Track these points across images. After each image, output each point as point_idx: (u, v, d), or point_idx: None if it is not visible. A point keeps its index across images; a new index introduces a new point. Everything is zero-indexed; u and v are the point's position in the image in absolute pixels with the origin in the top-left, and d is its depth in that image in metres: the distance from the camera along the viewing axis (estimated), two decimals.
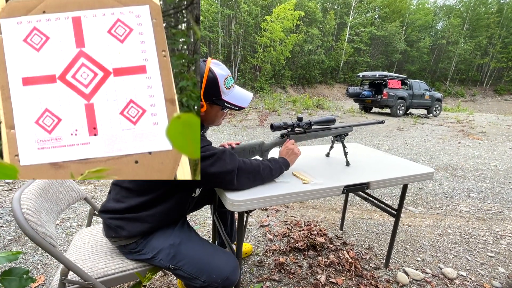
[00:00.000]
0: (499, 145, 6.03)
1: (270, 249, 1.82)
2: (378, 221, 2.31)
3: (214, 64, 0.91)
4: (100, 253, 1.06)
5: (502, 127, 8.76)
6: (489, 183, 3.47)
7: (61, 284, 0.90)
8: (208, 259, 0.96)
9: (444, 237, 2.09)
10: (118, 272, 0.99)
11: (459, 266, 1.75)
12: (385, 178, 1.27)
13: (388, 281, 1.57)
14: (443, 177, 3.64)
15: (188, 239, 1.01)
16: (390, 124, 8.47)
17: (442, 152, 5.11)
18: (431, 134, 7.09)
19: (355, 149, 1.78)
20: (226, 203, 0.96)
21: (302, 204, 2.60)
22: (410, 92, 10.66)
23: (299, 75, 22.74)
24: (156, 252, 0.95)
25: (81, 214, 2.20)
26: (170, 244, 0.96)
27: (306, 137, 1.29)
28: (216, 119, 1.00)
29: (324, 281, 1.53)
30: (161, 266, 0.96)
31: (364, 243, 1.96)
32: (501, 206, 2.75)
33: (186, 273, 0.93)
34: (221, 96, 0.93)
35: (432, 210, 2.61)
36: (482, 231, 2.22)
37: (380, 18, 29.84)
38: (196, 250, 0.98)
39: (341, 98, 22.22)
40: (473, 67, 30.69)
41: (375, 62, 27.77)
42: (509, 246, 2.01)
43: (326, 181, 1.16)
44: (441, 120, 10.19)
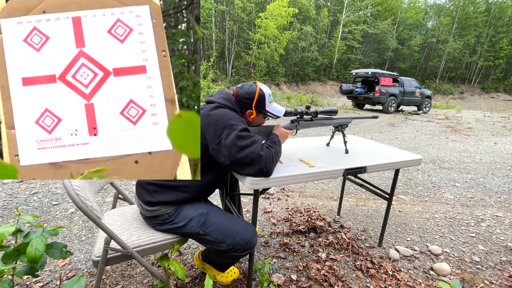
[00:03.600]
0: (484, 140, 6.34)
1: (275, 232, 1.98)
2: (372, 208, 2.50)
3: (261, 85, 1.26)
4: (132, 228, 1.20)
5: (488, 123, 9.14)
6: (473, 174, 3.71)
7: (104, 251, 1.04)
8: (232, 226, 1.13)
9: (431, 221, 2.30)
10: (150, 243, 1.14)
11: (443, 244, 1.95)
12: (380, 163, 1.44)
13: (381, 257, 1.76)
14: (431, 169, 3.87)
15: (213, 210, 1.17)
16: (382, 120, 8.74)
17: (431, 146, 5.37)
18: (421, 129, 7.37)
19: (352, 140, 1.95)
20: (246, 182, 1.11)
21: (302, 193, 2.77)
22: (401, 89, 10.97)
23: (293, 72, 22.91)
24: (188, 220, 1.10)
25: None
26: (200, 213, 1.11)
27: (312, 124, 1.46)
28: (259, 123, 1.34)
29: (325, 258, 1.70)
30: (192, 233, 1.11)
31: (359, 226, 2.14)
32: (483, 194, 2.98)
33: (213, 237, 1.09)
34: (266, 108, 1.26)
35: (421, 198, 2.82)
36: (465, 215, 2.44)
37: (372, 16, 30.24)
38: (222, 218, 1.14)
39: (334, 95, 22.53)
40: (462, 65, 31.44)
41: (367, 59, 28.19)
42: (488, 228, 2.23)
43: (328, 166, 1.33)
44: (431, 116, 10.54)
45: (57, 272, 1.49)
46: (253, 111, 1.25)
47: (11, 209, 2.12)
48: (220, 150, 1.06)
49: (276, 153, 1.15)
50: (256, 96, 1.22)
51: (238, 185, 1.71)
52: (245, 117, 1.27)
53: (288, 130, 1.38)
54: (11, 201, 2.25)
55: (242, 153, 1.03)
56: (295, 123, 1.43)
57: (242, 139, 1.04)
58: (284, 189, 2.87)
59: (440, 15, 32.02)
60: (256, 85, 1.25)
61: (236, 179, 1.66)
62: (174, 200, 1.13)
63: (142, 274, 1.51)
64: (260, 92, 1.23)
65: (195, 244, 1.80)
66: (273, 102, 1.31)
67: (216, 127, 1.07)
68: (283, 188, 2.88)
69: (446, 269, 1.63)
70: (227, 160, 1.05)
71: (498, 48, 29.21)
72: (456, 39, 29.90)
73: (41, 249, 1.01)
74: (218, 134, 1.06)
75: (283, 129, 1.36)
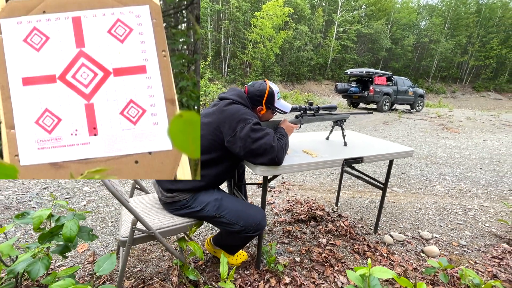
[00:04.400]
0: (474, 137, 6.58)
1: (278, 221, 2.12)
2: (367, 199, 2.65)
3: (270, 83, 1.39)
4: (153, 212, 1.32)
5: (478, 121, 9.42)
6: (463, 169, 3.90)
7: (131, 231, 1.15)
8: (244, 209, 1.26)
9: (423, 210, 2.46)
10: (170, 225, 1.26)
11: (433, 230, 2.11)
12: (375, 154, 1.58)
13: (377, 242, 1.90)
14: (423, 164, 4.05)
15: (227, 196, 1.30)
16: (376, 118, 8.95)
17: (423, 143, 5.57)
18: (414, 127, 7.60)
19: (350, 135, 2.09)
20: (257, 170, 1.24)
21: (301, 186, 2.91)
22: (395, 88, 11.21)
23: (288, 72, 23.09)
24: (205, 205, 1.22)
25: (103, 196, 2.42)
26: (215, 199, 1.24)
27: (315, 119, 1.60)
28: (268, 118, 1.48)
29: (325, 243, 1.84)
30: (208, 216, 1.23)
31: (356, 216, 2.29)
32: (471, 187, 3.16)
33: (227, 220, 1.22)
34: (274, 104, 1.40)
35: (413, 190, 2.99)
36: (454, 205, 2.61)
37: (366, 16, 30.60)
38: (234, 203, 1.27)
39: (329, 94, 22.78)
40: (454, 65, 32.08)
41: (361, 59, 28.54)
42: (475, 216, 2.40)
43: (329, 156, 1.46)
44: (423, 115, 10.80)
45: (78, 258, 1.60)
46: (263, 107, 1.38)
47: (25, 203, 2.22)
48: (235, 142, 1.18)
49: (286, 144, 1.28)
50: (266, 93, 1.35)
51: (244, 176, 1.84)
52: (256, 112, 1.40)
53: (293, 125, 1.51)
54: (23, 195, 2.34)
55: (256, 144, 1.16)
56: (299, 118, 1.57)
57: (256, 131, 1.17)
58: (284, 183, 3.01)
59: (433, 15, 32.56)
60: (266, 83, 1.37)
61: (243, 170, 1.79)
62: (192, 188, 1.25)
63: (157, 258, 1.63)
64: (270, 90, 1.36)
65: (204, 232, 1.93)
66: (280, 99, 1.44)
67: (231, 121, 1.20)
68: (283, 182, 3.02)
69: (435, 251, 1.79)
70: (242, 151, 1.18)
71: (488, 48, 29.88)
72: (448, 39, 30.47)
73: (75, 229, 1.14)
74: (233, 128, 1.19)
75: (288, 123, 1.49)
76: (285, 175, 3.26)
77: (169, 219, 1.29)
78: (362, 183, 3.10)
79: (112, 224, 1.99)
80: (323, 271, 1.56)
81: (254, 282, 1.43)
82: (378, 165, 3.88)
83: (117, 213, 2.13)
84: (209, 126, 1.24)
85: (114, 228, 1.94)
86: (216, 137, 1.23)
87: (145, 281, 1.42)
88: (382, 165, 3.85)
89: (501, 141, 6.08)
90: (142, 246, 1.73)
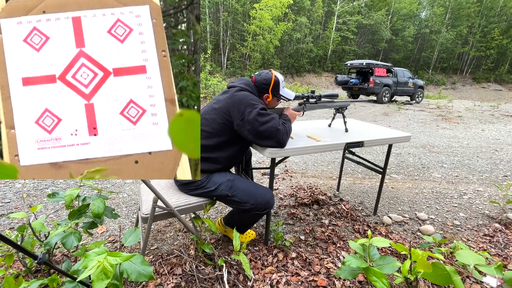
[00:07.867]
0: (472, 127, 6.68)
1: (282, 205, 2.24)
2: (367, 185, 2.77)
3: (276, 73, 1.48)
4: (170, 193, 1.44)
5: (477, 112, 9.50)
6: (460, 157, 4.02)
7: (153, 208, 1.27)
8: (254, 189, 1.37)
9: (420, 195, 2.58)
10: (186, 204, 1.37)
11: (429, 212, 2.23)
12: (375, 138, 1.69)
13: (376, 222, 2.03)
14: (421, 152, 4.17)
15: (238, 177, 1.41)
16: (376, 110, 9.03)
17: (422, 133, 5.68)
18: (413, 118, 7.69)
19: (351, 122, 2.19)
20: (266, 152, 1.35)
21: (303, 173, 3.03)
22: (394, 79, 11.24)
23: (288, 64, 23.02)
24: (218, 185, 1.33)
25: (115, 184, 2.53)
26: (228, 179, 1.35)
27: (317, 107, 1.70)
28: (273, 105, 1.58)
29: (328, 224, 1.96)
30: (222, 195, 1.34)
31: (356, 200, 2.41)
32: (467, 174, 3.28)
33: (239, 198, 1.33)
34: (279, 92, 1.50)
35: (411, 177, 3.10)
36: (450, 190, 2.73)
37: (366, 6, 30.26)
38: (245, 183, 1.39)
39: (329, 87, 22.76)
40: (454, 55, 31.89)
41: (361, 50, 28.38)
42: (469, 199, 2.52)
43: (332, 140, 1.57)
44: (423, 106, 10.87)
45: (98, 238, 1.72)
46: (270, 94, 1.48)
47: (42, 190, 2.33)
48: (244, 125, 1.29)
49: (290, 128, 1.39)
50: (272, 81, 1.45)
51: (251, 162, 1.95)
52: (262, 100, 1.50)
53: (296, 112, 1.61)
54: (39, 183, 2.45)
55: (263, 127, 1.26)
56: (302, 105, 1.67)
57: (263, 116, 1.27)
58: (287, 171, 3.12)
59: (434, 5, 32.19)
60: (271, 72, 1.47)
61: (250, 156, 1.90)
62: (206, 169, 1.36)
63: (171, 238, 1.75)
64: (276, 79, 1.46)
65: (213, 214, 2.05)
66: (285, 87, 1.54)
67: (240, 106, 1.30)
68: (286, 170, 3.14)
69: (430, 229, 1.91)
70: (250, 134, 1.28)
71: (489, 38, 29.64)
72: (448, 29, 30.21)
73: (102, 207, 1.25)
74: (241, 112, 1.29)
75: (292, 110, 1.59)
76: (287, 164, 3.37)
77: (185, 198, 1.40)
78: (362, 170, 3.22)
79: (127, 208, 2.11)
80: (326, 247, 1.68)
81: (263, 256, 1.55)
82: (377, 154, 3.99)
83: (130, 199, 2.25)
84: (220, 111, 1.34)
85: (129, 212, 2.06)
86: (226, 121, 1.33)
87: (163, 256, 1.55)
88: (382, 154, 3.96)
89: (499, 131, 6.19)
90: (157, 227, 1.85)
